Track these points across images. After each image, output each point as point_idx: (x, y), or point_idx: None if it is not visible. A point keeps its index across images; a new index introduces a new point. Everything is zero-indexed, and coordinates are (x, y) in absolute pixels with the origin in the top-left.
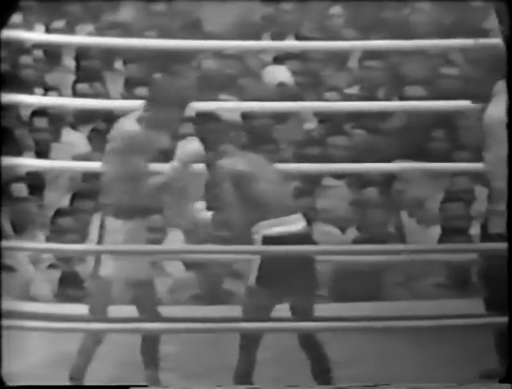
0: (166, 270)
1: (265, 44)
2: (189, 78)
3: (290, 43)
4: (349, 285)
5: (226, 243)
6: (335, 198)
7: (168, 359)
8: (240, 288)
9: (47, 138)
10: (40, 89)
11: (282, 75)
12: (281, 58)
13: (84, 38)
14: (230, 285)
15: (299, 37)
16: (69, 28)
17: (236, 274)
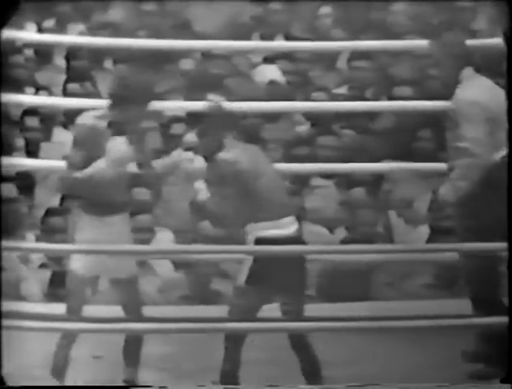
0: (155, 270)
1: (254, 44)
2: (177, 77)
3: (279, 43)
4: (338, 285)
5: (217, 242)
6: (324, 198)
7: (157, 359)
8: (228, 288)
9: (38, 137)
10: (31, 88)
11: (272, 74)
12: (271, 58)
13: (75, 38)
14: (219, 285)
15: (288, 37)
16: (59, 28)
17: (224, 274)
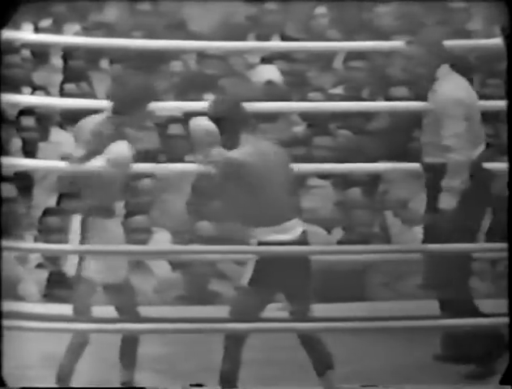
0: (152, 270)
1: (249, 44)
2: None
3: (275, 43)
4: (334, 285)
5: (214, 242)
6: (321, 198)
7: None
8: (226, 288)
9: (35, 137)
10: (27, 88)
11: (269, 74)
12: (268, 59)
13: (71, 38)
14: (216, 286)
15: (284, 38)
16: (56, 28)
17: (221, 275)
